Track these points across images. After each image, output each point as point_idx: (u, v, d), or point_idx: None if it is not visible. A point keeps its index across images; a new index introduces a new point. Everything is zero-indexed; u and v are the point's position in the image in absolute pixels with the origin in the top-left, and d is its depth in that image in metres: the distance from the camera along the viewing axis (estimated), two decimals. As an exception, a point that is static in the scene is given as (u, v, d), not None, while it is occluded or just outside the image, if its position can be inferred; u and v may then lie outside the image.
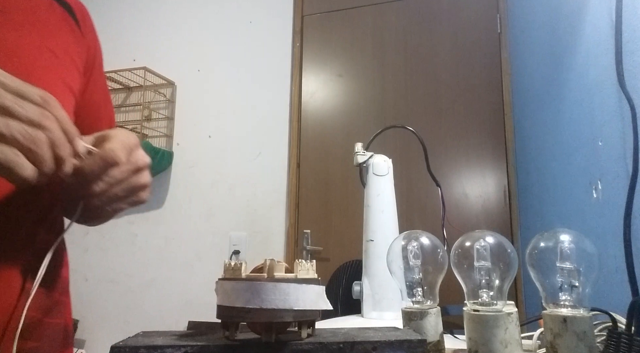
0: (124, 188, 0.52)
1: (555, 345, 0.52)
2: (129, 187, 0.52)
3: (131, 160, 0.52)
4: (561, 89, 1.25)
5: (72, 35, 0.65)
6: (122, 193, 0.52)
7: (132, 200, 0.54)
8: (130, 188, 0.53)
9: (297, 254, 2.16)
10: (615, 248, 0.85)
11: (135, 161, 0.52)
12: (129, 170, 0.52)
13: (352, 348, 0.45)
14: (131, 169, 0.52)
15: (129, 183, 0.52)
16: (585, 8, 1.04)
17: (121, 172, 0.51)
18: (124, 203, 0.53)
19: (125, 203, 0.54)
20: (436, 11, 2.20)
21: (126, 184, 0.52)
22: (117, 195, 0.52)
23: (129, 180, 0.52)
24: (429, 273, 0.64)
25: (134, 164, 0.52)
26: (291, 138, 2.29)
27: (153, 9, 2.68)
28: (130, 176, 0.52)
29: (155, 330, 0.53)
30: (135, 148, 0.53)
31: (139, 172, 0.53)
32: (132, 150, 0.52)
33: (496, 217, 1.95)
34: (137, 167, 0.52)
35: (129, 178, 0.52)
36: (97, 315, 2.40)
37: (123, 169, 0.51)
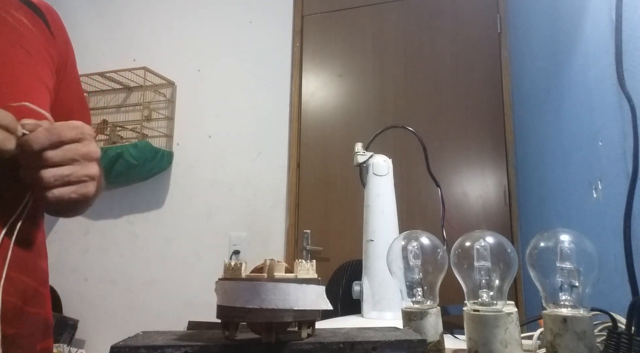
0: (75, 171, 0.53)
1: (555, 345, 0.52)
2: (79, 171, 0.53)
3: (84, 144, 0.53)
4: (561, 89, 1.25)
5: (43, 36, 0.66)
6: (73, 176, 0.52)
7: (80, 190, 0.54)
8: (80, 173, 0.53)
9: (297, 254, 2.16)
10: (615, 248, 0.85)
11: (88, 147, 0.54)
12: (81, 152, 0.53)
13: (352, 348, 0.45)
14: (82, 152, 0.53)
15: (80, 167, 0.53)
16: (585, 8, 1.04)
17: (72, 150, 0.52)
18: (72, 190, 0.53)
19: (73, 191, 0.53)
20: (436, 11, 2.20)
21: (77, 168, 0.53)
22: (68, 176, 0.52)
23: (80, 164, 0.53)
24: (429, 273, 0.64)
25: (87, 148, 0.54)
26: (291, 138, 2.29)
27: (153, 9, 2.68)
28: (81, 160, 0.53)
29: (155, 330, 0.53)
30: (89, 137, 0.54)
31: (90, 160, 0.54)
32: (85, 137, 0.54)
33: (496, 217, 1.95)
34: (88, 152, 0.54)
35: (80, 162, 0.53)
36: (97, 315, 2.40)
37: (74, 147, 0.52)
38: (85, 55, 2.64)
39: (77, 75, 0.79)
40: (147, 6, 2.69)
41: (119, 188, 2.49)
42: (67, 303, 2.40)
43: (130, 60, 2.56)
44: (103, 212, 2.49)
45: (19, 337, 0.57)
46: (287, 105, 2.34)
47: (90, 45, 2.69)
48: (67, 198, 0.53)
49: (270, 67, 2.40)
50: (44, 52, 0.65)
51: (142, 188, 2.46)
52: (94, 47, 2.68)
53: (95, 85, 2.57)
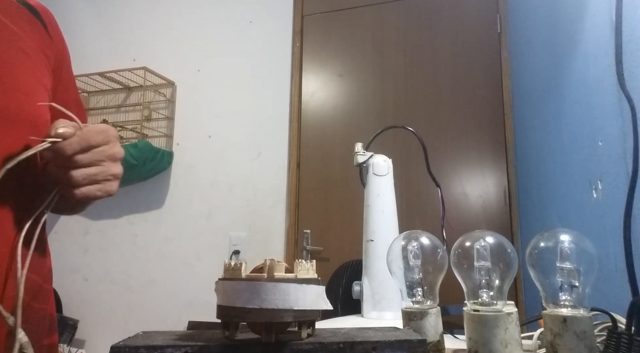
0: (102, 171, 0.56)
1: (555, 345, 0.52)
2: (105, 171, 0.57)
3: (111, 146, 0.57)
4: (561, 89, 1.25)
5: (41, 37, 0.67)
6: (100, 175, 0.56)
7: (105, 188, 0.58)
8: (106, 173, 0.57)
9: (297, 254, 2.16)
10: (615, 248, 0.85)
11: (113, 148, 0.57)
12: (107, 154, 0.56)
13: (352, 348, 0.45)
14: (108, 154, 0.56)
15: (107, 167, 0.57)
16: (585, 8, 1.04)
17: (100, 152, 0.55)
18: (98, 189, 0.57)
19: (97, 190, 0.57)
20: (436, 11, 2.20)
21: (104, 168, 0.56)
22: (95, 175, 0.56)
23: (106, 165, 0.57)
24: (429, 273, 0.64)
25: (112, 150, 0.57)
26: (291, 138, 2.29)
27: (153, 8, 2.68)
28: (106, 161, 0.57)
29: (155, 330, 0.53)
30: (115, 139, 0.58)
31: (115, 161, 0.58)
32: (110, 139, 0.57)
33: (496, 217, 1.95)
34: (114, 154, 0.57)
35: (105, 162, 0.57)
36: (97, 315, 2.40)
37: (102, 149, 0.56)
38: (85, 55, 2.64)
39: (73, 77, 0.80)
40: (147, 6, 2.69)
41: (119, 188, 2.48)
42: (67, 303, 2.40)
43: (130, 60, 2.56)
44: (103, 212, 2.49)
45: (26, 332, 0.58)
46: (287, 105, 2.34)
47: (90, 45, 2.69)
48: (93, 195, 0.57)
49: (270, 67, 2.40)
50: (42, 53, 0.66)
51: (142, 188, 2.46)
52: (94, 47, 2.68)
53: (95, 85, 2.57)
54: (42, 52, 0.66)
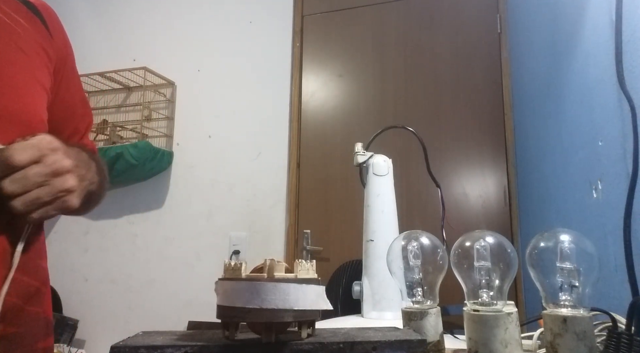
0: (47, 192, 0.51)
1: (555, 345, 0.52)
2: (51, 191, 0.52)
3: (46, 162, 0.51)
4: (561, 89, 1.25)
5: (41, 36, 0.66)
6: (46, 196, 0.52)
7: (59, 205, 0.54)
8: (52, 191, 0.52)
9: (297, 254, 2.16)
10: (615, 248, 0.85)
11: (52, 163, 0.52)
12: (44, 172, 0.51)
13: (352, 348, 0.45)
14: (46, 172, 0.51)
15: (51, 186, 0.52)
16: (585, 8, 1.04)
17: (34, 174, 0.50)
18: (52, 208, 0.53)
19: (52, 209, 0.53)
20: (436, 11, 2.20)
21: (48, 188, 0.51)
22: (39, 198, 0.51)
23: (50, 183, 0.52)
24: (428, 273, 0.64)
25: (50, 166, 0.52)
26: (291, 138, 2.29)
27: (153, 8, 2.68)
28: (49, 179, 0.51)
29: (155, 330, 0.53)
30: (50, 151, 0.52)
31: (59, 176, 0.53)
32: (44, 153, 0.52)
33: (496, 217, 1.95)
34: (54, 170, 0.52)
35: (48, 181, 0.51)
36: (97, 315, 2.40)
37: (36, 171, 0.50)
38: (85, 55, 2.64)
39: (77, 74, 0.78)
40: (147, 6, 2.69)
41: (119, 189, 2.49)
42: (67, 303, 2.40)
43: (130, 60, 2.56)
44: (103, 212, 2.49)
45: (20, 336, 0.58)
46: (287, 105, 2.33)
47: (90, 45, 2.69)
48: (47, 217, 0.53)
49: (270, 67, 2.40)
50: (42, 52, 0.65)
51: (142, 188, 2.46)
52: (94, 47, 2.68)
53: (95, 85, 2.57)
54: (42, 50, 0.65)
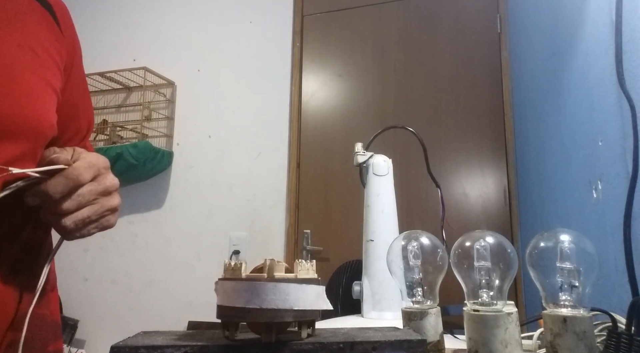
0: (95, 211, 0.53)
1: (555, 345, 0.52)
2: (99, 210, 0.53)
3: (100, 181, 0.53)
4: (561, 89, 1.25)
5: (52, 34, 0.64)
6: (94, 215, 0.53)
7: (102, 225, 0.55)
8: (100, 211, 0.53)
9: (297, 254, 2.16)
10: (615, 248, 0.85)
11: (104, 182, 0.53)
12: (97, 191, 0.52)
13: (352, 348, 0.45)
14: (99, 190, 0.52)
15: (100, 205, 0.53)
16: (585, 8, 1.04)
17: (89, 192, 0.51)
18: (94, 227, 0.54)
19: (95, 227, 0.54)
20: (436, 11, 2.20)
21: (97, 207, 0.53)
22: (89, 217, 0.52)
23: (99, 202, 0.53)
24: (428, 273, 0.64)
25: (103, 185, 0.53)
26: (291, 138, 2.29)
27: (153, 8, 2.68)
28: (99, 198, 0.53)
29: (155, 330, 0.53)
30: (105, 171, 0.54)
31: (108, 195, 0.54)
32: (100, 172, 0.53)
33: (496, 217, 1.95)
34: (105, 188, 0.53)
35: (98, 199, 0.52)
36: (97, 315, 2.40)
37: (90, 188, 0.51)
38: (86, 55, 2.62)
39: (83, 71, 0.77)
40: (147, 6, 2.69)
41: (119, 189, 2.48)
42: (67, 303, 2.40)
43: (130, 60, 2.56)
44: (103, 212, 2.49)
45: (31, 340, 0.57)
46: (287, 105, 2.33)
47: (90, 45, 2.67)
48: (88, 234, 0.55)
49: (270, 67, 2.40)
50: (53, 51, 0.63)
51: (142, 188, 2.46)
52: (94, 47, 2.68)
53: (95, 85, 2.57)
54: (54, 50, 0.63)
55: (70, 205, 0.50)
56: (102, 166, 0.54)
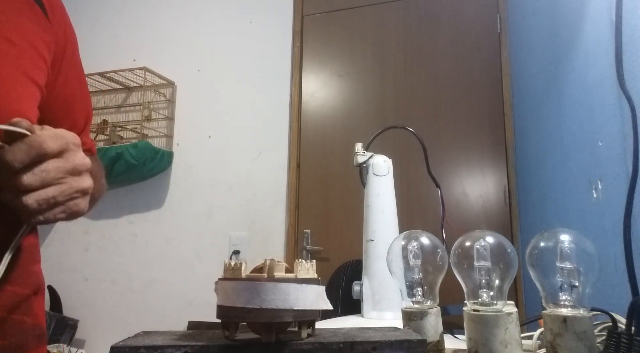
0: (62, 191, 0.46)
1: (555, 345, 0.52)
2: (66, 190, 0.47)
3: (68, 157, 0.47)
4: (561, 89, 1.25)
5: (38, 24, 0.60)
6: (61, 197, 0.46)
7: (69, 209, 0.48)
8: (68, 192, 0.47)
9: (297, 254, 2.16)
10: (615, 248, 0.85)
11: (73, 160, 0.47)
12: (65, 168, 0.46)
13: (352, 348, 0.45)
14: (67, 168, 0.47)
15: (67, 186, 0.47)
16: (585, 8, 1.04)
17: (55, 169, 0.45)
18: (60, 211, 0.48)
19: (61, 212, 0.48)
20: (436, 11, 2.20)
21: (65, 187, 0.46)
22: (54, 198, 0.46)
23: (67, 182, 0.47)
24: (428, 273, 0.64)
25: (71, 162, 0.47)
26: (291, 138, 2.29)
27: (153, 8, 2.68)
28: (66, 176, 0.47)
29: (155, 330, 0.53)
30: (74, 147, 0.48)
31: (77, 175, 0.48)
32: (69, 147, 0.47)
33: (496, 217, 1.95)
34: (74, 167, 0.47)
35: (66, 178, 0.47)
36: (97, 315, 2.40)
37: (57, 165, 0.46)
38: (86, 55, 2.62)
39: (79, 61, 0.72)
40: (148, 6, 2.69)
41: (119, 189, 2.49)
42: (67, 303, 2.40)
43: (130, 60, 2.56)
44: (103, 212, 2.49)
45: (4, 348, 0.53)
46: (287, 105, 2.33)
47: (90, 45, 2.68)
48: (54, 220, 0.48)
49: (270, 67, 2.40)
50: (38, 43, 0.59)
51: (142, 188, 2.46)
52: (94, 47, 2.68)
53: (95, 85, 2.57)
54: (40, 40, 0.59)
55: (32, 180, 0.44)
56: (72, 141, 0.47)
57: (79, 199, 0.49)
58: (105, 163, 2.22)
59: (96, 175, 0.68)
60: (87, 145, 0.75)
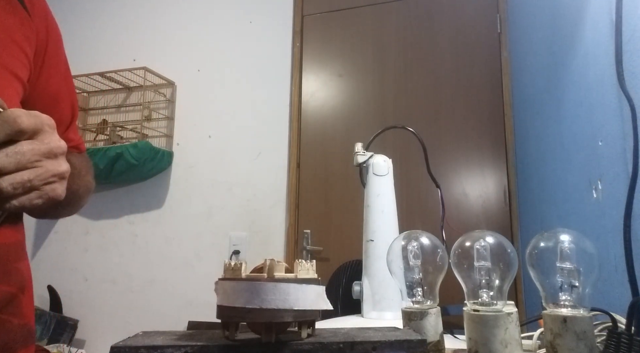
0: (38, 175, 0.44)
1: (555, 345, 0.52)
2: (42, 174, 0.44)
3: (43, 139, 0.45)
4: (561, 89, 1.25)
5: (18, 18, 0.59)
6: (37, 180, 0.44)
7: (46, 194, 0.46)
8: (44, 176, 0.45)
9: (297, 254, 2.16)
10: (615, 248, 0.85)
11: (49, 142, 0.45)
12: (41, 151, 0.44)
13: (352, 348, 0.45)
14: (43, 150, 0.44)
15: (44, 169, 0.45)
16: (585, 8, 1.04)
17: (30, 151, 0.43)
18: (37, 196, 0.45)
19: (38, 197, 0.45)
20: (436, 11, 2.20)
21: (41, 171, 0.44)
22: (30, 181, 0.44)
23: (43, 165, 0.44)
24: (428, 273, 0.64)
25: (47, 145, 0.45)
26: (291, 138, 2.29)
27: (153, 9, 2.68)
28: (42, 160, 0.44)
29: (155, 330, 0.53)
30: (49, 129, 0.45)
31: (54, 158, 0.46)
32: (44, 128, 0.45)
33: (496, 217, 1.95)
34: (50, 149, 0.45)
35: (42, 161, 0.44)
36: (97, 315, 2.40)
37: (32, 147, 0.43)
38: (86, 55, 2.64)
39: (63, 56, 0.70)
40: (148, 6, 2.69)
41: (119, 189, 2.49)
42: (67, 303, 2.40)
43: (130, 60, 2.56)
44: (103, 212, 2.49)
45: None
46: (287, 105, 2.34)
47: (90, 45, 2.69)
48: (30, 205, 0.45)
49: (270, 67, 2.40)
50: (19, 37, 0.57)
51: (142, 188, 2.46)
52: (94, 47, 2.68)
53: (95, 85, 2.57)
54: (21, 34, 0.58)
55: (6, 163, 0.42)
56: (47, 123, 0.45)
57: (56, 184, 0.46)
58: (105, 163, 2.23)
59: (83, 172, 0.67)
60: (75, 142, 0.74)
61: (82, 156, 0.74)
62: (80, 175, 0.67)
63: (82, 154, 0.75)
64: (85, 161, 0.72)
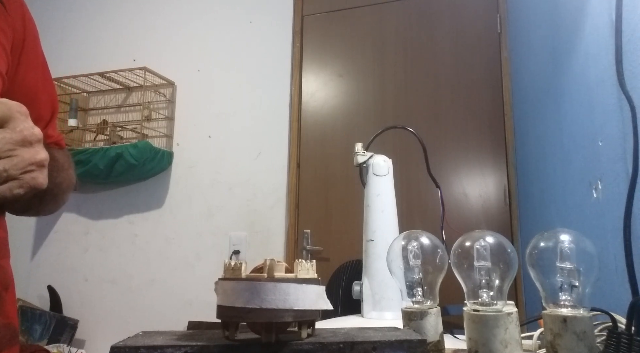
0: (14, 164, 0.43)
1: (555, 345, 0.52)
2: (19, 163, 0.43)
3: (15, 127, 0.43)
4: (561, 89, 1.25)
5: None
6: (13, 169, 0.43)
7: (27, 183, 0.44)
8: (21, 164, 0.43)
9: (297, 254, 2.16)
10: (615, 248, 0.85)
11: (21, 129, 0.43)
12: (13, 139, 0.43)
13: (352, 348, 0.45)
14: (16, 139, 0.43)
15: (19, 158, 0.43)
16: (585, 8, 1.04)
17: (2, 140, 0.42)
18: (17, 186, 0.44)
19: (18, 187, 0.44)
20: (436, 11, 2.20)
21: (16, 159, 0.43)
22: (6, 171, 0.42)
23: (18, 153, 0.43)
24: (428, 273, 0.64)
25: (20, 133, 0.43)
26: (291, 138, 2.29)
27: (153, 9, 2.68)
28: (16, 148, 0.43)
29: (155, 330, 0.53)
30: (20, 115, 0.44)
31: (29, 146, 0.44)
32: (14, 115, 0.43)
33: (496, 217, 1.95)
34: (23, 137, 0.44)
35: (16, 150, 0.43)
36: (97, 315, 2.40)
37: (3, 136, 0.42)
38: (86, 55, 2.65)
39: (41, 54, 0.70)
40: (147, 6, 2.69)
41: (119, 189, 2.49)
42: (67, 303, 2.40)
43: (130, 60, 2.56)
44: (103, 212, 2.49)
45: None
46: (287, 105, 2.34)
47: (90, 45, 2.69)
48: (12, 196, 0.43)
49: (270, 67, 2.40)
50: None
51: (142, 188, 2.46)
52: (94, 47, 2.68)
53: (95, 85, 2.57)
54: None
55: None
56: (17, 109, 0.44)
57: (36, 172, 0.45)
58: (105, 163, 2.23)
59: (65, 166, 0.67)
60: (54, 138, 0.73)
61: (63, 151, 0.73)
62: (63, 169, 0.66)
63: (63, 150, 0.75)
64: (66, 156, 0.72)
